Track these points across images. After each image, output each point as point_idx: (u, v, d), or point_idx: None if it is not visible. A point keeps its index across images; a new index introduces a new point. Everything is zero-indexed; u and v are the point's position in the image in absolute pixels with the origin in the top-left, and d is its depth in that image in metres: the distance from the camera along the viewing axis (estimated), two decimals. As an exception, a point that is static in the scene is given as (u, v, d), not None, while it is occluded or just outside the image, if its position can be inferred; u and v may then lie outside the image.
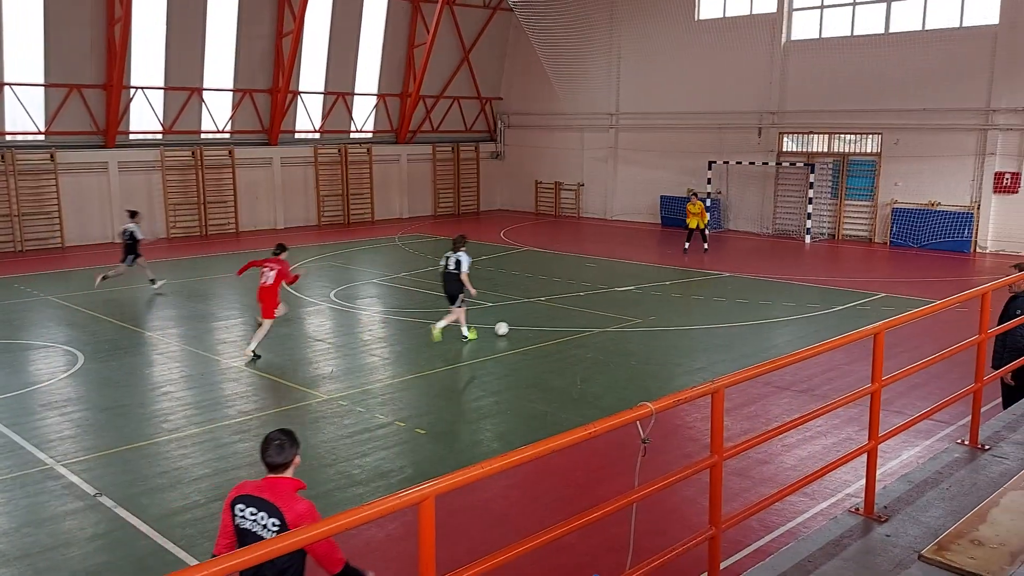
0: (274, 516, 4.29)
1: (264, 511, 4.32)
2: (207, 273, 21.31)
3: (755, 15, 28.51)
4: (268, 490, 4.37)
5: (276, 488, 4.37)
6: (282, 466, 4.43)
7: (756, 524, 7.52)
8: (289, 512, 4.28)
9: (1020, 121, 23.50)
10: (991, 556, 4.15)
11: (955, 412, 9.63)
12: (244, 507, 4.39)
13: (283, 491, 4.37)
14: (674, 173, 31.07)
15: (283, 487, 4.39)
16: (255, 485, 4.46)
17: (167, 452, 9.55)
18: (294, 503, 4.32)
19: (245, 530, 4.38)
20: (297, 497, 4.37)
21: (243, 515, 4.39)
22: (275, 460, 4.42)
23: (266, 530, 4.31)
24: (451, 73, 34.69)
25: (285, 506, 4.30)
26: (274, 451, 4.42)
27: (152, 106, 27.10)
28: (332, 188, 31.82)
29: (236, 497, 4.46)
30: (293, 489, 4.41)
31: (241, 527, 4.39)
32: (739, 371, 4.30)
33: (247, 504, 4.39)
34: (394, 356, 13.80)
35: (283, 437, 4.46)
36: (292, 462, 4.47)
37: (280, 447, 4.42)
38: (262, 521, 4.32)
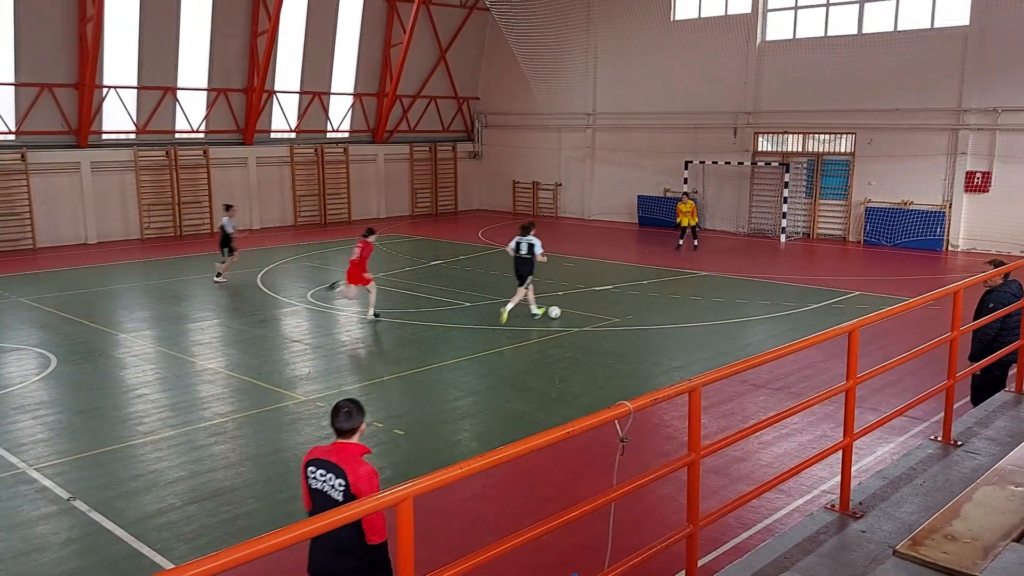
0: (340, 477, 4.68)
1: (332, 472, 4.72)
2: (181, 274, 21.11)
3: (730, 16, 28.70)
4: (335, 454, 4.77)
5: (343, 452, 4.77)
6: (350, 432, 4.84)
7: (733, 521, 7.56)
8: (352, 474, 4.66)
9: (990, 121, 23.84)
10: (964, 551, 4.20)
11: (928, 409, 9.75)
12: (315, 469, 4.82)
13: (349, 455, 4.76)
14: (651, 173, 31.21)
15: (349, 451, 4.78)
16: (324, 450, 4.87)
17: (142, 455, 9.45)
18: (358, 466, 4.70)
19: (316, 490, 4.80)
20: (361, 461, 4.75)
21: (314, 476, 4.82)
22: (343, 426, 4.83)
23: (334, 490, 4.70)
24: (428, 73, 34.62)
25: (349, 468, 4.68)
26: (343, 418, 4.83)
27: (125, 106, 26.81)
28: (308, 188, 31.64)
29: (309, 460, 4.89)
30: (359, 454, 4.80)
31: (313, 487, 4.83)
32: (716, 369, 4.33)
33: (317, 467, 4.81)
34: (372, 357, 13.75)
35: (351, 405, 4.90)
36: (359, 428, 4.88)
37: (348, 414, 4.84)
38: (330, 482, 4.72)
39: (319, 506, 4.74)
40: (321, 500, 4.74)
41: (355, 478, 4.65)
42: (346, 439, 4.83)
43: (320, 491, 4.78)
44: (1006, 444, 5.94)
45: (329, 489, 4.73)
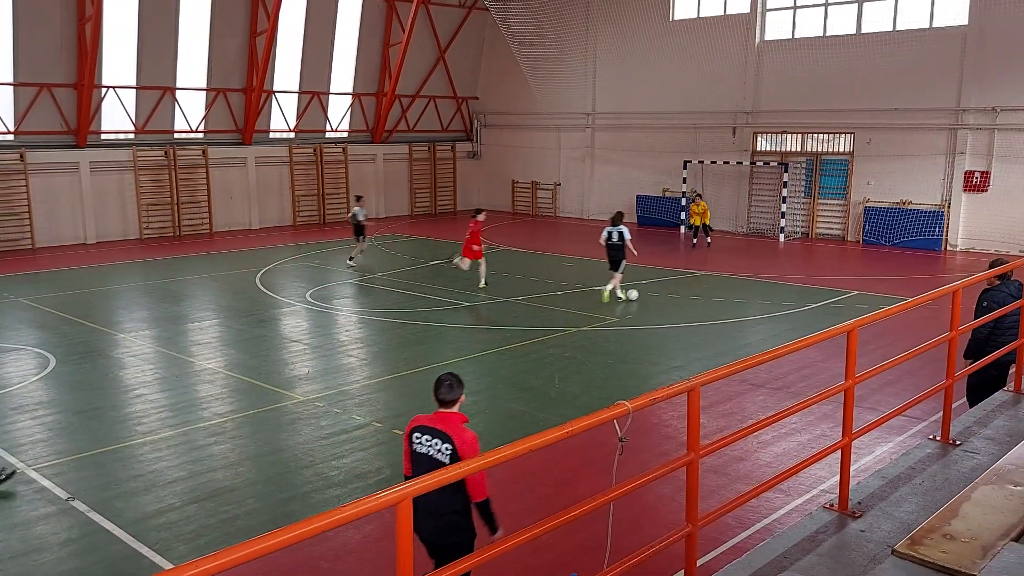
0: (447, 442, 5.17)
1: (438, 438, 5.21)
2: (180, 274, 21.11)
3: (729, 15, 28.71)
4: (440, 422, 5.27)
5: (447, 420, 5.26)
6: (451, 402, 5.32)
7: (732, 521, 7.57)
8: (458, 439, 5.16)
9: (989, 121, 23.85)
10: (963, 550, 4.20)
11: (927, 408, 9.75)
12: (420, 435, 5.31)
13: (453, 423, 5.26)
14: (650, 172, 31.23)
15: (453, 419, 5.28)
16: (428, 418, 5.36)
17: (141, 455, 9.45)
18: (462, 432, 5.22)
19: (421, 454, 5.26)
20: (464, 428, 5.26)
21: (420, 441, 5.30)
22: (446, 397, 5.31)
23: (440, 453, 5.19)
24: (427, 72, 34.62)
25: (455, 434, 5.19)
26: (445, 390, 5.32)
27: (124, 105, 26.80)
28: (307, 188, 31.65)
29: (413, 428, 5.38)
30: (460, 421, 5.29)
31: (418, 451, 5.28)
32: (715, 369, 4.33)
33: (423, 433, 5.31)
34: (371, 357, 13.75)
35: (452, 379, 5.39)
36: (459, 400, 5.35)
37: (450, 387, 5.34)
38: (436, 446, 5.20)
39: (424, 468, 5.08)
40: (426, 463, 5.15)
41: (461, 442, 5.16)
42: (448, 409, 5.32)
43: (426, 455, 5.23)
44: (1005, 443, 5.95)
45: (435, 453, 5.20)
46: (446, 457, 5.17)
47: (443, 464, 5.10)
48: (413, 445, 5.34)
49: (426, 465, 5.14)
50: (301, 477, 8.87)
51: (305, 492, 8.50)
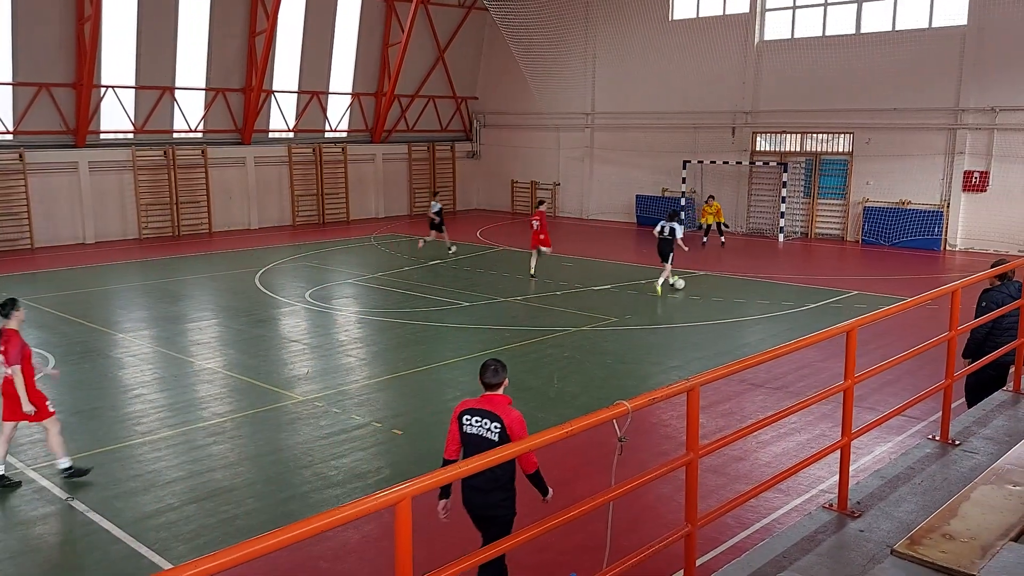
0: (496, 422, 5.63)
1: (487, 418, 5.66)
2: (179, 274, 21.11)
3: (728, 15, 28.72)
4: (487, 403, 5.72)
5: (493, 401, 5.72)
6: (496, 385, 5.77)
7: (732, 521, 7.57)
8: (506, 418, 5.61)
9: (988, 121, 23.86)
10: (962, 550, 4.21)
11: (926, 408, 9.75)
12: (470, 417, 5.74)
13: (499, 403, 5.71)
14: (649, 172, 31.23)
15: (499, 401, 5.73)
16: (476, 401, 5.79)
17: (140, 455, 9.45)
18: (510, 412, 5.67)
19: (472, 434, 5.71)
20: (510, 408, 5.71)
21: (470, 423, 5.73)
22: (491, 381, 5.76)
23: (490, 432, 5.64)
24: (426, 72, 34.62)
25: (504, 414, 5.64)
26: (491, 374, 5.77)
27: (123, 105, 26.79)
28: (307, 188, 31.64)
29: (463, 411, 5.79)
30: (506, 402, 5.74)
31: (468, 432, 5.73)
32: (714, 369, 4.33)
33: (472, 414, 5.73)
34: (370, 356, 13.75)
35: (497, 364, 5.84)
36: (503, 383, 5.79)
37: (495, 371, 5.78)
38: (486, 426, 5.65)
39: (473, 447, 5.65)
40: (476, 442, 5.64)
41: (509, 421, 5.61)
42: (493, 392, 5.76)
43: (475, 435, 5.69)
44: (1004, 443, 5.95)
45: (485, 432, 5.65)
46: (495, 435, 5.62)
47: (493, 442, 5.57)
48: (463, 427, 5.77)
49: (476, 443, 5.65)
50: (300, 477, 8.87)
51: (304, 492, 8.50)
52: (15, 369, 8.26)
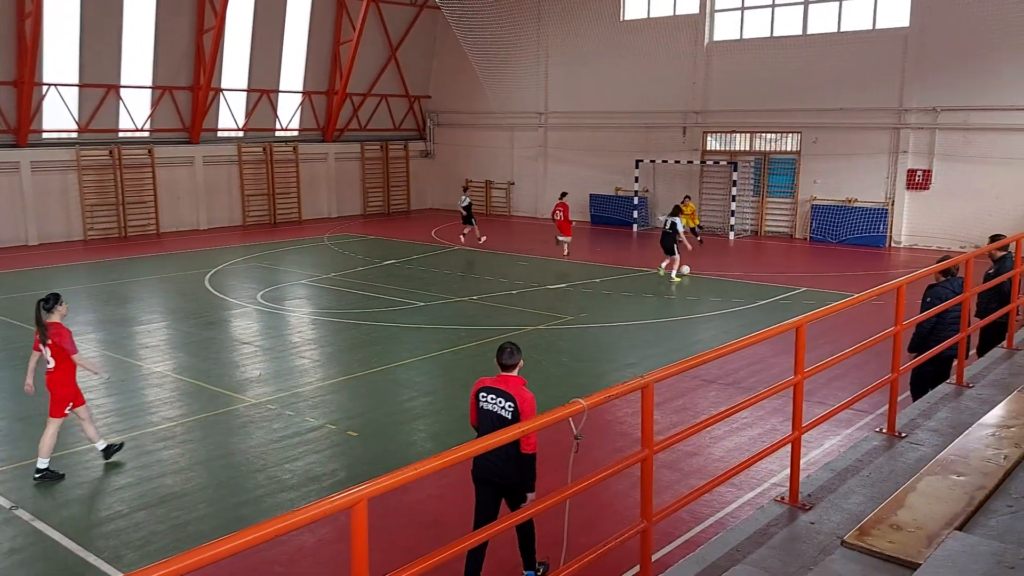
0: (509, 401, 6.11)
1: (501, 397, 6.16)
2: (127, 276, 20.66)
3: (678, 16, 29.03)
4: (502, 383, 6.19)
5: (508, 382, 6.18)
6: (512, 366, 6.23)
7: (686, 516, 7.66)
8: (519, 398, 6.09)
9: (930, 120, 24.48)
10: (909, 539, 4.31)
11: (873, 401, 9.97)
12: (486, 394, 6.25)
13: (514, 384, 6.17)
14: (603, 172, 31.42)
15: (514, 382, 6.19)
16: (492, 380, 6.26)
17: (87, 461, 9.23)
18: (523, 392, 6.13)
19: (487, 410, 6.22)
20: (524, 389, 6.16)
21: (486, 400, 6.24)
22: (507, 362, 6.23)
23: (503, 410, 6.13)
24: (378, 71, 34.37)
25: (517, 394, 6.11)
26: (507, 356, 6.24)
27: (66, 104, 26.13)
28: (257, 187, 31.19)
29: (480, 388, 6.30)
30: (521, 383, 6.20)
31: (484, 408, 6.24)
32: (668, 366, 4.37)
33: (488, 392, 6.24)
34: (324, 358, 13.61)
35: (512, 347, 6.30)
36: (518, 364, 6.26)
37: (511, 353, 6.25)
38: (500, 404, 6.15)
39: (488, 423, 6.18)
40: (491, 418, 6.16)
41: (521, 400, 6.08)
42: (508, 372, 6.22)
43: (490, 411, 6.18)
44: (948, 435, 6.11)
45: (499, 409, 6.14)
46: (508, 413, 6.11)
47: (506, 419, 6.09)
48: (480, 403, 6.28)
49: (490, 419, 6.17)
50: (254, 481, 8.74)
51: (258, 496, 8.39)
52: (77, 358, 8.75)
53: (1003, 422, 6.02)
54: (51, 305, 8.84)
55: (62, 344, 8.64)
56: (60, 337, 8.65)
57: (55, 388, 8.77)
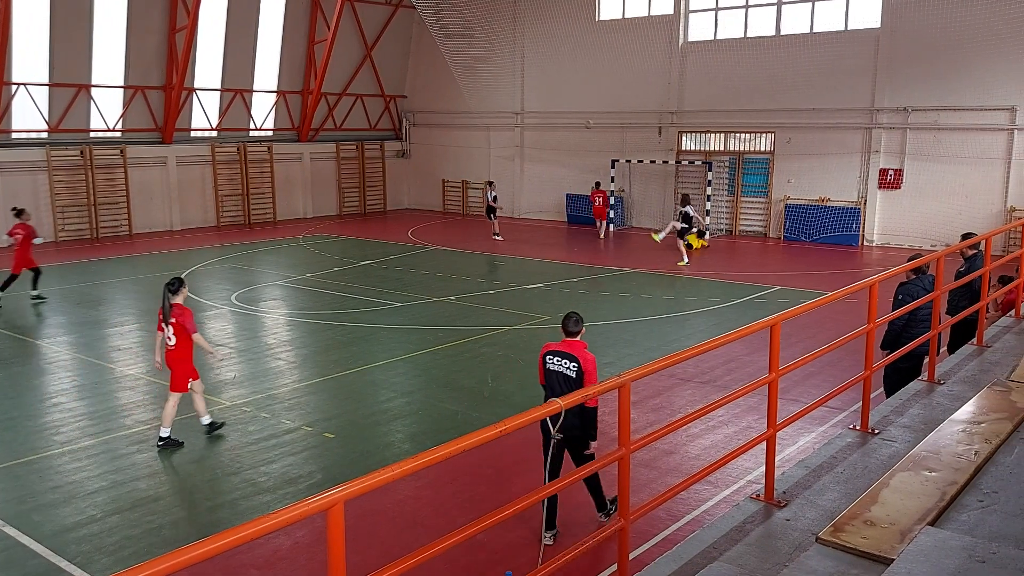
0: (573, 362, 6.97)
1: (566, 359, 7.02)
2: (98, 278, 20.41)
3: (653, 16, 29.16)
4: (567, 347, 7.05)
5: (573, 346, 7.04)
6: (576, 333, 7.07)
7: (663, 514, 7.70)
8: (582, 359, 6.95)
9: (902, 120, 24.78)
10: (882, 535, 4.36)
11: (847, 399, 10.08)
12: (552, 357, 7.10)
13: (577, 347, 7.03)
14: (579, 172, 31.49)
15: (577, 345, 7.05)
16: (557, 344, 7.12)
17: (60, 466, 9.11)
18: (585, 354, 6.99)
19: (554, 371, 7.07)
20: (586, 351, 7.02)
21: (552, 361, 7.09)
22: (572, 329, 7.08)
23: (568, 370, 6.98)
24: (354, 70, 34.21)
25: (580, 356, 6.97)
26: (572, 324, 7.08)
27: (36, 103, 25.75)
28: (231, 188, 30.93)
29: (547, 352, 7.15)
30: (583, 347, 7.04)
31: (550, 369, 7.09)
32: (644, 365, 4.39)
33: (555, 355, 7.09)
34: (300, 360, 13.53)
35: (576, 315, 7.13)
36: (581, 331, 7.10)
37: (576, 322, 7.09)
38: (566, 365, 7.00)
39: (555, 381, 7.04)
40: (558, 378, 7.02)
41: (584, 361, 6.94)
42: (572, 338, 7.06)
43: (557, 372, 7.04)
44: (920, 431, 6.19)
45: (564, 369, 7.00)
46: (573, 372, 6.96)
47: (571, 378, 6.96)
48: (547, 365, 7.10)
49: (558, 379, 7.03)
50: (229, 484, 8.67)
51: (233, 499, 8.32)
52: (197, 337, 9.51)
53: (974, 418, 6.11)
54: (176, 288, 9.51)
55: (184, 323, 9.39)
56: (183, 317, 9.42)
57: (176, 365, 9.51)
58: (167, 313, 9.44)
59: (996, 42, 22.62)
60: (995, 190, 23.52)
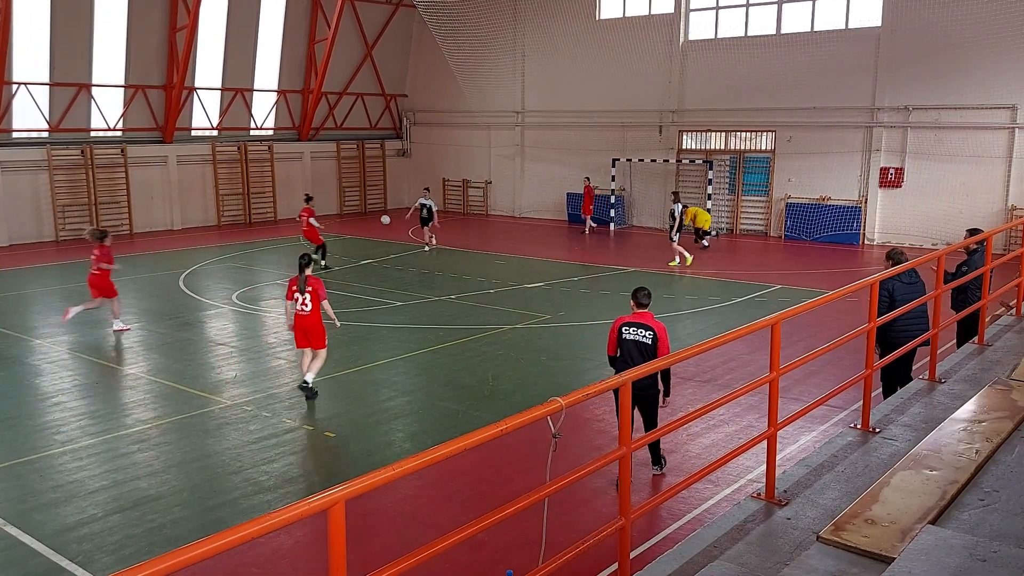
0: (648, 330, 8.13)
1: (642, 328, 8.16)
2: (100, 277, 20.37)
3: (654, 15, 29.14)
4: (641, 318, 8.23)
5: (645, 316, 8.23)
6: (647, 305, 8.30)
7: (664, 513, 7.70)
8: (656, 327, 8.14)
9: (902, 119, 24.77)
10: (883, 534, 4.36)
11: (848, 397, 10.08)
12: (628, 327, 8.21)
13: (649, 317, 8.23)
14: (579, 170, 31.43)
15: (649, 316, 8.25)
16: (631, 316, 8.28)
17: (60, 465, 9.11)
18: (657, 323, 8.19)
19: (631, 339, 8.17)
20: (656, 320, 8.24)
21: (628, 331, 8.20)
22: (644, 302, 8.31)
23: (644, 337, 8.12)
24: (354, 69, 34.21)
25: (653, 324, 8.16)
26: (643, 297, 8.31)
27: (37, 103, 25.76)
28: (232, 187, 30.94)
29: (622, 324, 8.26)
30: (652, 316, 8.26)
31: (626, 338, 8.19)
32: (645, 364, 4.39)
33: (630, 326, 8.21)
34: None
35: (646, 290, 8.38)
36: (650, 303, 8.33)
37: (647, 295, 8.35)
38: (641, 334, 8.14)
39: (632, 348, 8.13)
40: (635, 346, 8.13)
41: (657, 328, 8.14)
42: (643, 310, 8.26)
43: (634, 340, 8.14)
44: (921, 430, 6.19)
45: (641, 337, 8.12)
46: (649, 339, 8.09)
47: (647, 344, 8.09)
48: (622, 335, 8.21)
49: (634, 347, 8.12)
50: (230, 483, 8.68)
51: (234, 498, 8.32)
52: (325, 303, 10.88)
53: (975, 417, 6.11)
54: (307, 262, 10.99)
55: (318, 291, 10.79)
56: (318, 285, 10.83)
57: (313, 328, 10.92)
58: (303, 283, 10.77)
59: (997, 41, 22.60)
60: (996, 188, 23.51)
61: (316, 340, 11.03)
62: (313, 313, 10.86)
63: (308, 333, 10.96)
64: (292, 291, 10.96)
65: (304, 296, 10.80)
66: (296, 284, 10.90)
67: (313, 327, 10.94)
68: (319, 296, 10.83)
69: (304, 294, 10.80)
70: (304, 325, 10.92)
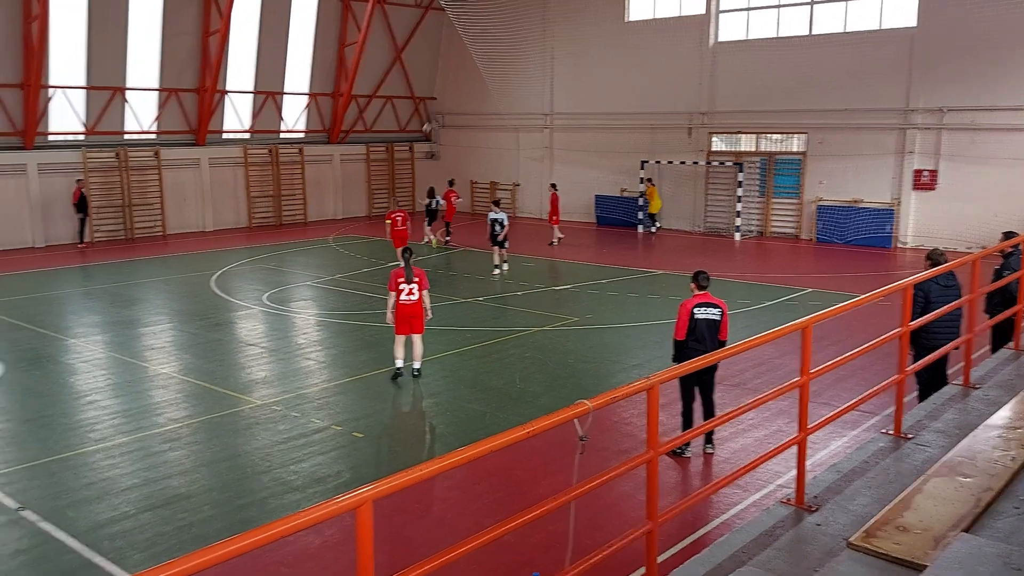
0: (715, 308, 9.04)
1: (710, 307, 9.03)
2: (132, 278, 20.71)
3: (684, 16, 29.00)
4: (706, 298, 9.08)
5: (708, 296, 9.09)
6: (707, 286, 9.15)
7: (692, 517, 7.64)
8: (720, 304, 9.07)
9: (936, 120, 24.42)
10: (915, 541, 4.29)
11: (880, 403, 9.95)
12: (700, 308, 8.98)
13: (712, 297, 9.09)
14: (608, 173, 31.42)
15: (710, 295, 9.11)
16: (698, 297, 9.08)
17: (94, 463, 9.25)
18: (719, 301, 9.11)
19: (703, 318, 8.95)
20: (719, 300, 9.12)
21: (701, 312, 8.96)
22: (705, 284, 9.15)
23: (713, 315, 8.99)
24: (384, 72, 34.41)
25: (718, 302, 9.08)
26: (703, 279, 9.16)
27: (73, 106, 26.22)
28: (263, 189, 31.25)
29: (694, 305, 8.98)
30: (714, 296, 9.10)
31: (699, 318, 8.93)
32: (673, 367, 4.37)
33: (701, 306, 8.99)
34: (330, 359, 13.63)
35: (705, 272, 9.24)
36: (709, 284, 9.15)
37: (707, 277, 9.18)
38: (711, 312, 8.99)
39: (703, 326, 8.93)
40: (707, 324, 8.94)
41: (723, 306, 9.08)
42: (705, 290, 9.11)
43: (705, 319, 8.94)
44: (954, 436, 6.09)
45: (711, 316, 8.95)
46: (717, 316, 8.98)
47: (716, 320, 8.98)
48: (696, 315, 8.92)
49: (706, 325, 8.93)
50: (259, 483, 8.75)
51: (263, 498, 8.39)
52: (426, 292, 11.91)
53: (1010, 423, 6.00)
54: (411, 256, 12.22)
55: (423, 281, 11.85)
56: (422, 276, 11.88)
57: (417, 315, 11.85)
58: (410, 273, 11.73)
59: (1034, 41, 22.21)
60: (1033, 191, 23.09)
61: (419, 326, 11.97)
62: (418, 301, 11.85)
63: (412, 320, 11.86)
64: (397, 282, 11.77)
65: (411, 285, 11.72)
66: (403, 275, 11.75)
67: (417, 314, 11.87)
68: (423, 286, 11.84)
69: (411, 283, 11.72)
70: (410, 313, 11.80)
